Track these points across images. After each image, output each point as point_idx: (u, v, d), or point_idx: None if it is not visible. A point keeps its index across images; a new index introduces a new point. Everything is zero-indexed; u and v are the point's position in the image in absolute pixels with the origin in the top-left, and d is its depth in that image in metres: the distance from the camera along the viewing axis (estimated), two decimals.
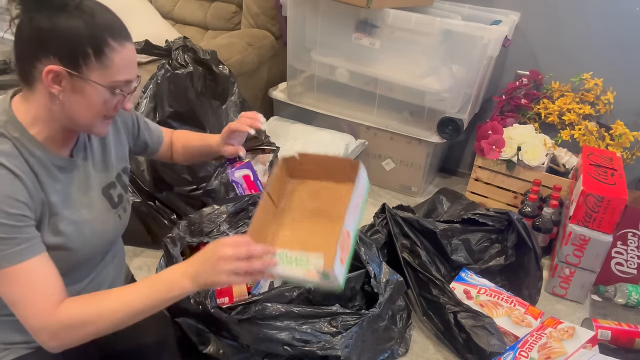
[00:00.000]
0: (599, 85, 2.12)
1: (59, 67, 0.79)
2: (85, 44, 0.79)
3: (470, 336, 1.46)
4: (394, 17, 1.98)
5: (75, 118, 0.85)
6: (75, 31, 0.78)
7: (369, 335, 1.33)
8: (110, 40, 0.80)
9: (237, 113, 1.96)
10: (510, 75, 2.32)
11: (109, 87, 0.83)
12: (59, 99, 0.82)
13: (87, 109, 0.84)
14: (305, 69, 2.36)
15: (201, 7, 2.53)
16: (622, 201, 1.62)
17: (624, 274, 1.82)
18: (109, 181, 1.02)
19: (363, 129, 2.31)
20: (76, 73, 0.80)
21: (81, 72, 0.81)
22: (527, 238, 1.68)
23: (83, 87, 0.82)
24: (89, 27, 0.79)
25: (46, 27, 0.78)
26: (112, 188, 1.02)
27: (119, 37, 0.82)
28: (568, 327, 1.37)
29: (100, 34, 0.80)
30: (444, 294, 1.58)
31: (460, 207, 2.02)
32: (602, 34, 2.09)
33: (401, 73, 2.12)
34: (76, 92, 0.82)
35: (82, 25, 0.79)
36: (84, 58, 0.80)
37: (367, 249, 1.46)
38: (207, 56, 1.85)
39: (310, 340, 1.20)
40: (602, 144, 2.10)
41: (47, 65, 0.79)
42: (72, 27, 0.78)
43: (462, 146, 2.57)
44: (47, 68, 0.79)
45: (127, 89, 0.88)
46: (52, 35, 0.78)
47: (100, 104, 0.85)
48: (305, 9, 2.18)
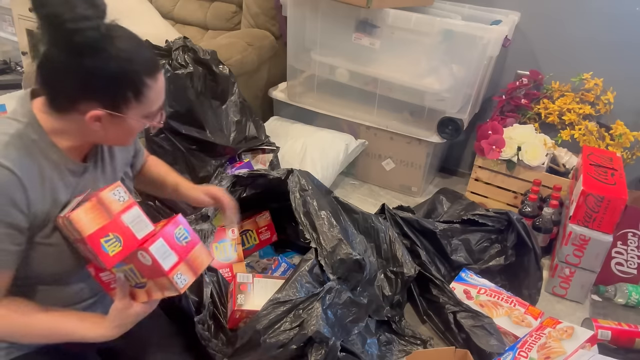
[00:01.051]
0: (599, 85, 2.12)
1: (102, 111, 0.83)
2: (125, 89, 0.82)
3: (469, 336, 1.46)
4: (394, 17, 1.98)
5: (111, 142, 0.94)
6: (116, 78, 0.81)
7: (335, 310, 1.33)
8: (146, 79, 0.83)
9: (237, 113, 1.97)
10: (510, 75, 2.32)
11: (144, 118, 0.88)
12: (99, 131, 0.86)
13: (125, 136, 0.91)
14: (305, 69, 2.36)
15: (201, 7, 2.53)
16: (622, 201, 1.62)
17: (624, 274, 1.82)
18: None
19: (363, 129, 2.31)
20: (117, 114, 0.84)
21: (122, 112, 0.84)
22: (527, 238, 1.68)
23: (123, 122, 0.86)
24: (129, 73, 0.82)
25: (86, 71, 0.79)
26: None
27: (153, 72, 0.85)
28: (567, 326, 1.37)
29: (139, 77, 0.83)
30: (444, 294, 1.58)
31: (460, 207, 2.03)
32: (602, 34, 2.09)
33: (401, 73, 2.12)
34: (116, 125, 0.86)
35: (121, 71, 0.81)
36: (125, 102, 0.83)
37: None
38: (207, 56, 1.85)
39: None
40: (602, 144, 2.10)
41: (90, 110, 0.82)
42: (112, 74, 0.80)
43: (462, 146, 2.57)
44: (91, 114, 0.82)
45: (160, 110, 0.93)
46: (93, 80, 0.80)
47: (134, 131, 0.91)
48: (305, 9, 2.18)
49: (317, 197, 1.52)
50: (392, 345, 1.50)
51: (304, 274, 1.33)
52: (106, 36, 0.78)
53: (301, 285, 1.30)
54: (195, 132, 1.84)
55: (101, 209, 0.83)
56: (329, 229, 1.45)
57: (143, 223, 0.87)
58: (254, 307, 1.27)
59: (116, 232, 0.84)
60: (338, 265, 1.39)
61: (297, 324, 1.22)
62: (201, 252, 0.91)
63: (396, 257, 1.61)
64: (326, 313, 1.28)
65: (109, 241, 0.83)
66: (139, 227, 0.86)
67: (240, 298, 1.29)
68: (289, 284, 1.29)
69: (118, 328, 0.88)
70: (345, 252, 1.40)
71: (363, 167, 2.41)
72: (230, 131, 1.94)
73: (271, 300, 1.24)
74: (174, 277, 0.85)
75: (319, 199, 1.52)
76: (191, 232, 0.91)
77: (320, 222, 1.46)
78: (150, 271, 0.86)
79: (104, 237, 0.83)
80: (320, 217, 1.47)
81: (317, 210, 1.48)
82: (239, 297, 1.29)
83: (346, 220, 1.57)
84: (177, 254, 0.87)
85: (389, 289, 1.59)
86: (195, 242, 0.91)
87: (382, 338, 1.50)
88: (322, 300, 1.27)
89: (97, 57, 0.78)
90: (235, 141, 1.94)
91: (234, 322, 1.30)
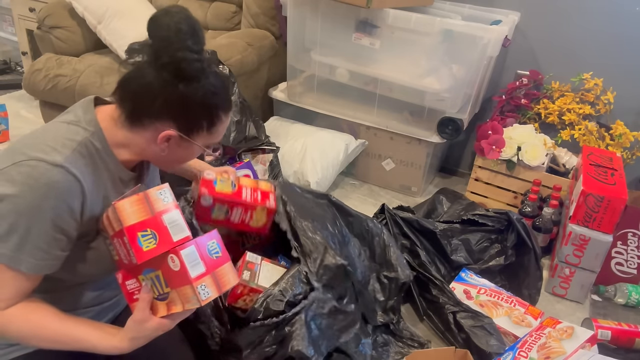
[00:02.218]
0: (599, 85, 2.12)
1: (175, 132, 0.88)
2: (202, 118, 0.89)
3: (469, 336, 1.46)
4: (394, 17, 1.98)
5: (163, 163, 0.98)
6: (198, 106, 0.88)
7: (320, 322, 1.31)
8: (222, 114, 0.91)
9: (237, 113, 1.97)
10: (510, 75, 2.32)
11: (207, 147, 0.95)
12: (161, 149, 0.90)
13: (181, 159, 0.98)
14: (305, 69, 2.36)
15: (201, 7, 2.53)
16: (622, 201, 1.62)
17: (624, 274, 1.82)
18: None
19: (363, 129, 2.31)
20: (187, 138, 0.90)
21: (191, 137, 0.90)
22: (527, 238, 1.68)
23: (188, 147, 0.92)
24: (211, 105, 0.89)
25: (178, 95, 0.85)
26: None
27: (228, 110, 0.93)
28: (567, 326, 1.37)
29: (216, 111, 0.90)
30: (444, 294, 1.58)
31: (460, 207, 2.03)
32: (602, 34, 2.09)
33: (401, 73, 2.12)
34: (180, 148, 0.92)
35: (205, 102, 0.88)
36: (198, 129, 0.90)
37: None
38: (207, 56, 1.85)
39: None
40: (602, 144, 2.10)
41: (166, 129, 0.87)
42: (197, 103, 0.87)
43: (462, 146, 2.57)
44: (165, 133, 0.88)
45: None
46: (180, 104, 0.86)
47: (194, 157, 0.97)
48: (305, 9, 2.18)
49: (299, 207, 1.46)
50: (389, 346, 1.50)
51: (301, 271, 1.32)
52: (205, 69, 0.86)
53: (299, 281, 1.29)
54: None
55: (145, 205, 0.84)
56: (313, 236, 1.39)
57: (180, 227, 0.86)
58: (256, 286, 1.25)
59: (154, 229, 0.84)
60: (323, 272, 1.34)
61: (280, 340, 1.21)
62: (229, 271, 0.90)
63: (390, 262, 1.59)
64: (310, 326, 1.25)
65: (146, 236, 0.83)
66: (176, 230, 0.86)
67: (246, 274, 1.27)
68: (285, 279, 1.28)
69: (132, 341, 0.86)
70: (330, 258, 1.36)
71: (363, 167, 2.42)
72: (230, 131, 1.94)
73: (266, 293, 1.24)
74: (198, 287, 0.84)
75: (302, 208, 1.47)
76: (223, 249, 0.90)
77: (303, 232, 1.40)
78: (177, 278, 0.84)
79: (142, 231, 0.83)
80: (302, 227, 1.41)
81: (301, 220, 1.42)
82: (245, 273, 1.28)
83: (342, 224, 1.55)
84: (206, 265, 0.86)
85: (382, 294, 1.57)
86: (225, 259, 0.90)
87: (379, 339, 1.50)
88: (305, 312, 1.25)
89: (192, 85, 0.85)
90: (235, 141, 1.94)
91: (234, 297, 1.27)
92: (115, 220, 0.84)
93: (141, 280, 0.88)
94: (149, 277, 0.87)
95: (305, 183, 2.11)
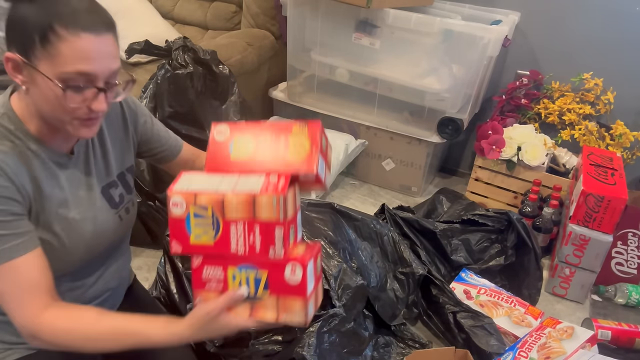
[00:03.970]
0: (599, 85, 2.11)
1: (15, 54, 0.78)
2: (32, 30, 0.76)
3: (469, 336, 1.46)
4: (394, 17, 1.98)
5: (42, 113, 0.83)
6: (26, 17, 0.76)
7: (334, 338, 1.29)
8: (57, 27, 0.75)
9: (237, 113, 1.96)
10: (510, 75, 2.32)
11: (59, 80, 0.77)
12: (26, 91, 0.81)
13: (47, 105, 0.80)
14: (305, 69, 2.36)
15: (201, 7, 2.53)
16: (622, 201, 1.62)
17: (624, 274, 1.82)
18: (109, 180, 0.99)
19: (363, 129, 2.31)
20: (27, 62, 0.77)
21: (31, 61, 0.77)
22: (527, 238, 1.68)
23: (36, 78, 0.78)
24: (39, 14, 0.76)
25: (11, 15, 0.77)
26: (112, 187, 0.99)
27: (72, 24, 0.76)
28: (567, 326, 1.37)
29: (48, 21, 0.75)
30: (444, 294, 1.58)
31: (460, 207, 2.03)
32: (602, 34, 2.09)
33: (401, 73, 2.12)
34: (34, 84, 0.79)
35: (34, 11, 0.76)
36: (31, 46, 0.76)
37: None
38: (207, 56, 1.85)
39: None
40: (602, 144, 2.10)
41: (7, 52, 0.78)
42: (25, 14, 0.76)
43: (462, 146, 2.57)
44: (5, 55, 0.77)
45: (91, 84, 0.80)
46: (11, 22, 0.78)
47: (55, 99, 0.79)
48: (305, 9, 2.18)
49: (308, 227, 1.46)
50: (390, 347, 1.50)
51: None
52: None
53: None
54: (195, 132, 1.84)
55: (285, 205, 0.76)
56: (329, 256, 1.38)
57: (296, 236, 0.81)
58: None
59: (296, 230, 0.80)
60: (342, 291, 1.33)
61: (289, 340, 1.20)
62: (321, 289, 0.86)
63: (403, 258, 1.61)
64: (322, 338, 1.24)
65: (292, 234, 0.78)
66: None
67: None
68: None
69: (196, 330, 0.79)
70: (350, 277, 1.35)
71: (363, 167, 2.41)
72: None
73: None
74: (309, 304, 0.78)
75: (311, 228, 1.46)
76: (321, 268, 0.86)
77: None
78: (286, 288, 0.78)
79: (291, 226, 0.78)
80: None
81: (313, 239, 1.41)
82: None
83: (347, 231, 1.55)
84: (315, 282, 0.81)
85: (401, 291, 1.58)
86: (320, 277, 0.85)
87: (380, 340, 1.50)
88: (322, 322, 1.23)
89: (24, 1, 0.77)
90: None
91: None
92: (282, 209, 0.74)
93: (231, 274, 0.79)
94: (245, 275, 0.79)
95: None
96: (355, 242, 1.53)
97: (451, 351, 1.37)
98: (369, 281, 1.49)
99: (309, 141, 0.80)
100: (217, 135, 0.84)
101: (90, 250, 0.95)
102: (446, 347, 1.46)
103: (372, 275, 1.51)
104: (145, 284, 1.26)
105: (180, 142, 1.16)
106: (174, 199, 0.77)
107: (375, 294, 1.49)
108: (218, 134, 0.84)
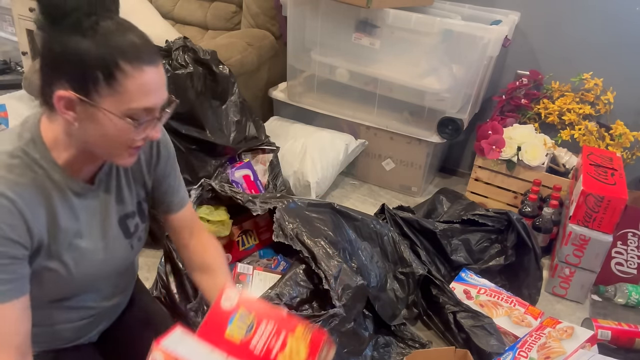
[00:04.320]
0: (599, 85, 2.12)
1: (70, 92, 0.73)
2: (94, 67, 0.72)
3: (469, 336, 1.46)
4: (394, 17, 1.98)
5: (92, 147, 0.80)
6: (85, 54, 0.72)
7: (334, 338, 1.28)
8: (122, 63, 0.72)
9: (237, 113, 1.97)
10: (510, 75, 2.32)
11: (124, 116, 0.75)
12: (75, 125, 0.76)
13: (103, 138, 0.77)
14: (305, 69, 2.36)
15: (201, 7, 2.53)
16: (622, 201, 1.62)
17: (624, 274, 1.82)
18: (127, 211, 0.96)
19: (363, 129, 2.31)
20: (87, 100, 0.73)
21: (92, 99, 0.74)
22: (527, 238, 1.69)
23: (96, 114, 0.75)
24: (99, 49, 0.72)
25: (58, 49, 0.72)
26: (129, 218, 0.96)
27: (135, 60, 0.73)
28: (567, 326, 1.37)
29: (111, 57, 0.72)
30: (444, 294, 1.58)
31: (460, 207, 2.03)
32: (602, 34, 2.09)
33: (401, 73, 2.12)
34: (91, 120, 0.75)
35: (92, 47, 0.72)
36: (94, 83, 0.73)
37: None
38: (207, 56, 1.85)
39: None
40: (602, 144, 2.10)
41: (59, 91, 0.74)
42: (81, 49, 0.72)
43: (462, 146, 2.57)
44: (57, 94, 0.73)
45: (152, 116, 0.79)
46: (63, 58, 0.73)
47: (116, 134, 0.77)
48: (305, 9, 2.18)
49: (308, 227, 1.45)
50: (390, 347, 1.50)
51: (298, 273, 1.32)
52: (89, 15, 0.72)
53: (296, 284, 1.29)
54: (195, 132, 1.84)
55: None
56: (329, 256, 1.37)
57: None
58: None
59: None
60: (342, 291, 1.32)
61: None
62: None
63: (403, 258, 1.61)
64: None
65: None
66: None
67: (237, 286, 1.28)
68: (283, 281, 1.28)
69: None
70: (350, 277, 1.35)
71: (363, 167, 2.42)
72: (230, 131, 1.94)
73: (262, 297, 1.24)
74: None
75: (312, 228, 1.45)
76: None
77: (318, 250, 1.38)
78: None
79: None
80: (317, 245, 1.39)
81: (313, 239, 1.41)
82: (237, 286, 1.28)
83: (347, 231, 1.55)
84: None
85: (401, 291, 1.58)
86: None
87: (380, 340, 1.50)
88: (322, 322, 1.23)
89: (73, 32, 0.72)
90: (235, 141, 1.94)
91: None
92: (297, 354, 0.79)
93: None
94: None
95: (305, 183, 2.11)
96: (355, 242, 1.53)
97: (451, 351, 1.38)
98: (369, 281, 1.49)
99: (307, 352, 0.80)
100: (225, 300, 0.84)
101: (95, 277, 0.93)
102: (446, 347, 1.46)
103: (372, 275, 1.51)
104: (146, 284, 1.26)
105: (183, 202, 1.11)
106: (155, 355, 0.75)
107: (375, 294, 1.49)
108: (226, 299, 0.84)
